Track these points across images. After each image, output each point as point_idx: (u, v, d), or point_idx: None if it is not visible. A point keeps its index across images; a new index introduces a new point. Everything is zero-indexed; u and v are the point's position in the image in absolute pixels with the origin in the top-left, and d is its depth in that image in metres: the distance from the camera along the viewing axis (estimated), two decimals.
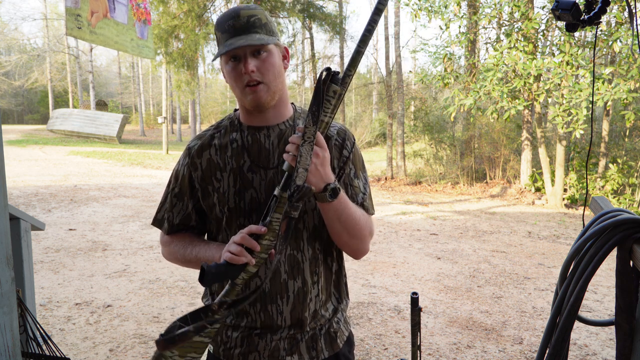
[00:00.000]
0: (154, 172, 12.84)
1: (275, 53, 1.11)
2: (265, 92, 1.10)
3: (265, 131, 1.16)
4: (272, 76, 1.10)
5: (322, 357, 1.19)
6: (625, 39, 7.21)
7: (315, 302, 1.17)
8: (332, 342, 1.22)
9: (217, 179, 1.17)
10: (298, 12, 14.57)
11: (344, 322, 1.27)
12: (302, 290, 1.15)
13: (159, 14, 13.45)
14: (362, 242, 1.17)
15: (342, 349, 1.24)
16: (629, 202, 9.21)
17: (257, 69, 1.08)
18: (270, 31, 1.09)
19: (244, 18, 1.06)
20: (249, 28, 1.06)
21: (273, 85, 1.11)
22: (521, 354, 3.08)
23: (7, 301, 1.29)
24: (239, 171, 1.15)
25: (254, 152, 1.15)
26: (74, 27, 4.17)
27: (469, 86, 9.44)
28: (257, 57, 1.08)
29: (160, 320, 3.46)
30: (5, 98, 37.54)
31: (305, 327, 1.17)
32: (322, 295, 1.19)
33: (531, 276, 4.78)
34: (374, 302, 3.93)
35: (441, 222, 7.57)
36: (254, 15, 1.07)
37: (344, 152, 1.18)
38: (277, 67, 1.10)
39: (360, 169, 1.22)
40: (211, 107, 41.86)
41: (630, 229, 1.14)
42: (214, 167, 1.17)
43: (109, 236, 5.87)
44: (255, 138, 1.16)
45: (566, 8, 1.15)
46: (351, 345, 1.30)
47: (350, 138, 1.20)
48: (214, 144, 1.19)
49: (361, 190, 1.20)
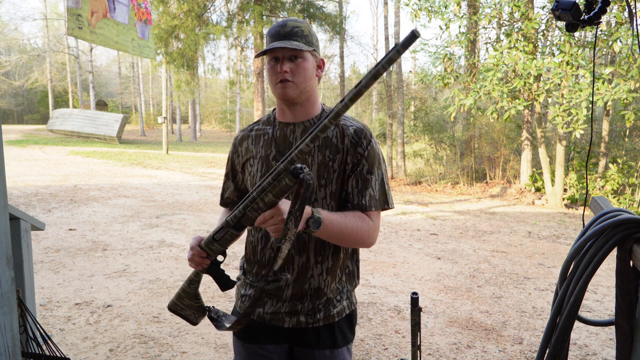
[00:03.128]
0: (154, 172, 12.84)
1: (309, 60, 1.30)
2: (292, 89, 1.28)
3: (292, 127, 1.35)
4: (302, 78, 1.28)
5: (317, 325, 1.36)
6: (625, 39, 7.21)
7: (318, 280, 1.34)
8: (329, 314, 1.36)
9: (251, 164, 1.40)
10: (298, 12, 14.57)
11: (347, 299, 1.41)
12: (305, 266, 1.32)
13: (159, 14, 13.46)
14: (360, 244, 1.31)
15: (339, 322, 1.38)
16: (629, 202, 9.21)
17: (291, 70, 1.27)
18: (308, 42, 1.30)
19: (289, 27, 1.28)
20: (291, 36, 1.27)
21: (302, 86, 1.29)
22: (521, 354, 3.08)
23: (7, 301, 1.29)
24: (265, 159, 1.35)
25: (280, 143, 1.35)
26: (75, 27, 4.17)
27: (469, 86, 9.44)
28: (293, 61, 1.28)
29: (160, 320, 3.46)
30: (5, 98, 37.55)
31: (305, 299, 1.34)
32: (328, 276, 1.34)
33: (531, 276, 4.78)
34: (374, 302, 3.93)
35: (441, 222, 7.57)
36: (298, 27, 1.29)
37: (359, 150, 1.31)
38: (308, 72, 1.29)
39: (376, 166, 1.34)
40: (211, 107, 41.86)
41: (630, 229, 1.14)
42: (249, 154, 1.40)
43: (109, 236, 5.87)
44: (283, 132, 1.35)
45: (566, 8, 1.15)
46: (351, 322, 1.42)
47: (367, 137, 1.33)
48: (251, 135, 1.42)
49: (371, 185, 1.31)
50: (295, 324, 1.36)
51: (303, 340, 1.37)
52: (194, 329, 3.33)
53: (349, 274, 1.42)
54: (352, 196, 1.31)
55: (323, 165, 1.30)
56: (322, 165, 1.30)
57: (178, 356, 2.94)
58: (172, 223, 6.69)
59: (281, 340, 1.39)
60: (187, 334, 3.25)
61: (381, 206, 1.33)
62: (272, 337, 1.39)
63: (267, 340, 1.39)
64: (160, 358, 2.91)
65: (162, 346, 3.06)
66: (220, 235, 1.20)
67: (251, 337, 1.40)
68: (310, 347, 1.37)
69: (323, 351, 1.37)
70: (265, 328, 1.38)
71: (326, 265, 1.33)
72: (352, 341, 1.45)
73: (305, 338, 1.37)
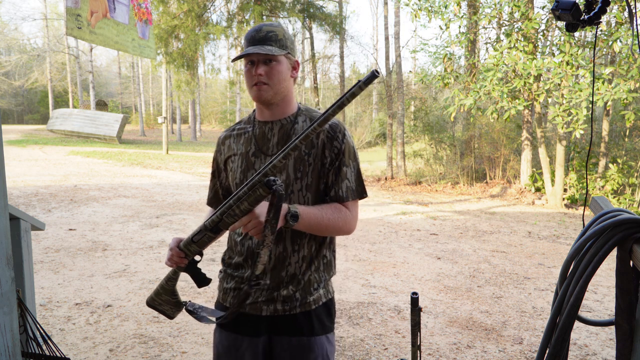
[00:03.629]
0: (154, 172, 12.84)
1: (283, 63, 1.37)
2: (266, 91, 1.36)
3: (270, 125, 1.43)
4: (276, 80, 1.36)
5: (294, 312, 1.41)
6: (625, 39, 7.21)
7: (294, 267, 1.40)
8: (306, 302, 1.42)
9: (232, 161, 1.48)
10: (298, 12, 14.57)
11: (324, 288, 1.47)
12: (282, 255, 1.39)
13: (159, 14, 13.45)
14: (339, 232, 1.41)
15: (316, 309, 1.44)
16: (629, 202, 9.21)
17: (265, 73, 1.35)
18: (282, 46, 1.37)
19: (264, 32, 1.36)
20: (265, 40, 1.35)
21: (276, 88, 1.37)
22: (521, 354, 3.08)
23: (7, 301, 1.29)
24: (246, 155, 1.44)
25: (259, 140, 1.44)
26: (74, 27, 4.17)
27: (469, 86, 9.44)
28: (267, 64, 1.35)
29: (160, 320, 3.46)
30: (5, 98, 37.53)
31: (281, 286, 1.40)
32: (303, 263, 1.41)
33: (531, 276, 4.78)
34: (374, 302, 3.93)
35: (441, 222, 7.57)
36: (272, 31, 1.36)
37: (335, 144, 1.40)
38: (282, 74, 1.37)
39: (351, 159, 1.43)
40: (211, 107, 41.85)
41: (630, 229, 1.14)
42: (231, 151, 1.49)
43: (109, 236, 5.87)
44: (262, 130, 1.44)
45: (566, 8, 1.14)
46: (329, 311, 1.48)
47: (341, 131, 1.42)
48: (233, 134, 1.51)
49: (347, 177, 1.41)
50: (272, 311, 1.41)
51: (281, 328, 1.42)
52: (194, 329, 3.34)
53: (327, 264, 1.48)
54: (331, 188, 1.40)
55: (299, 159, 1.38)
56: (299, 159, 1.38)
57: (178, 356, 2.94)
58: (172, 223, 6.69)
59: (260, 331, 1.43)
60: (187, 334, 3.25)
61: (359, 196, 1.43)
62: (251, 328, 1.44)
63: (246, 332, 1.44)
64: (160, 358, 2.91)
65: (162, 346, 3.06)
66: (198, 237, 1.28)
67: (231, 326, 1.46)
68: (288, 335, 1.41)
69: (300, 338, 1.41)
70: (244, 318, 1.44)
71: (302, 254, 1.41)
72: (332, 331, 1.48)
73: (283, 326, 1.42)
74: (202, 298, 3.92)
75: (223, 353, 1.48)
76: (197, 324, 3.41)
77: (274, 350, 1.44)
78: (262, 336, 1.44)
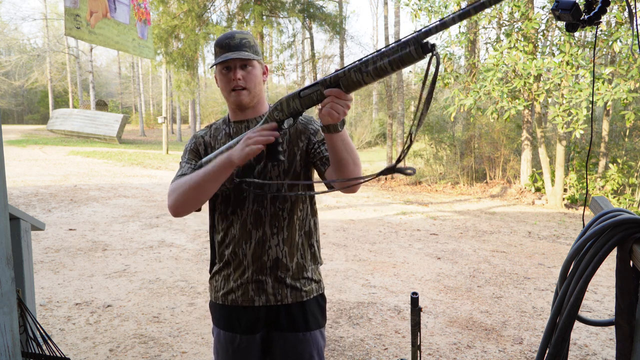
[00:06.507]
0: (154, 172, 12.83)
1: (257, 68, 1.46)
2: (245, 96, 1.44)
3: (246, 124, 1.51)
4: (253, 84, 1.44)
5: (286, 302, 1.46)
6: (625, 39, 7.21)
7: (276, 251, 1.45)
8: (297, 293, 1.47)
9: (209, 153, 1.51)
10: (298, 12, 14.56)
11: (315, 282, 1.52)
12: (262, 239, 1.45)
13: (159, 14, 13.44)
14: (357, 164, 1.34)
15: (309, 302, 1.49)
16: (629, 202, 9.21)
17: (243, 77, 1.42)
18: (256, 51, 1.45)
19: (238, 39, 1.42)
20: (240, 47, 1.41)
21: (253, 92, 1.45)
22: (521, 354, 3.08)
23: (7, 301, 1.29)
24: None
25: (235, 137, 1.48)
26: (72, 27, 4.17)
27: (469, 86, 9.44)
28: (244, 69, 1.43)
29: (160, 320, 3.46)
30: (5, 98, 37.52)
31: (266, 270, 1.45)
32: (285, 246, 1.46)
33: (531, 276, 4.78)
34: (374, 302, 3.93)
35: (441, 222, 7.57)
36: (245, 38, 1.43)
37: (310, 126, 1.50)
38: (258, 78, 1.46)
39: None
40: (211, 107, 41.81)
41: (630, 229, 1.14)
42: (210, 146, 1.53)
43: (109, 236, 5.87)
44: (239, 128, 1.51)
45: (566, 8, 1.14)
46: (321, 306, 1.53)
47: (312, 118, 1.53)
48: (210, 132, 1.56)
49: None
50: (265, 302, 1.45)
51: (276, 322, 1.46)
52: (194, 329, 3.33)
53: (313, 254, 1.53)
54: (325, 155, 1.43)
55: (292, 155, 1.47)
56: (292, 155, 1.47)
57: (178, 356, 2.94)
58: (172, 223, 6.69)
59: (257, 328, 1.47)
60: (187, 334, 3.25)
61: None
62: (248, 325, 1.47)
63: (244, 329, 1.47)
64: (160, 358, 2.91)
65: (162, 346, 3.06)
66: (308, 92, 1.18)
67: (228, 325, 1.50)
68: (283, 330, 1.46)
69: (295, 334, 1.46)
70: (241, 315, 1.47)
71: (282, 236, 1.45)
72: (324, 327, 1.54)
73: (278, 319, 1.46)
74: (202, 298, 3.92)
75: (222, 352, 1.51)
76: (197, 324, 3.41)
77: (272, 347, 1.49)
78: (259, 333, 1.48)
